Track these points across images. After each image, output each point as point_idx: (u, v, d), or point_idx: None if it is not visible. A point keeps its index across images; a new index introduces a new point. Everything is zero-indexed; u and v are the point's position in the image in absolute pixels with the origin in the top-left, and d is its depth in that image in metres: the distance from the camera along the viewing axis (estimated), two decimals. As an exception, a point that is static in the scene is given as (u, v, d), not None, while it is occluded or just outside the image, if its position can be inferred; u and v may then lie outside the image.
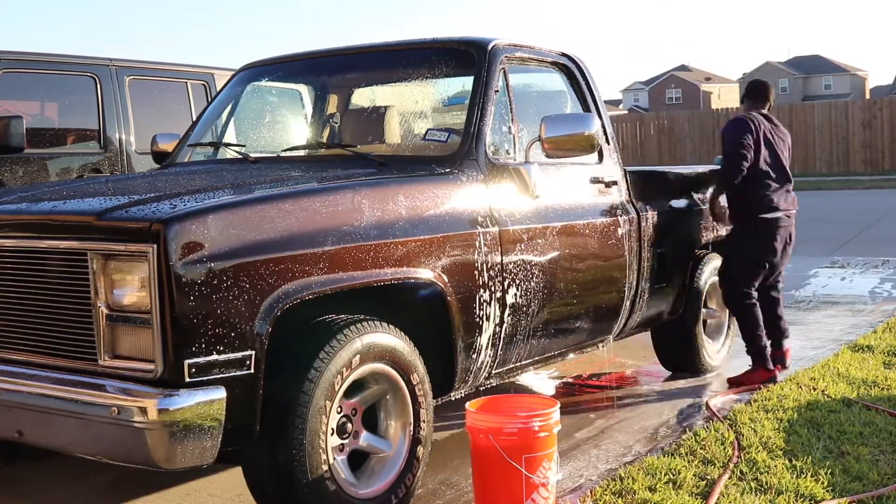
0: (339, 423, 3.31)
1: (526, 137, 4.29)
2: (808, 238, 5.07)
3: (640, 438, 4.52)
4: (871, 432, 4.36)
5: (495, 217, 3.93)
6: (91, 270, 2.96)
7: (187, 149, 4.88)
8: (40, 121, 7.19)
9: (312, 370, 3.13)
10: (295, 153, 4.66)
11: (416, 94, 4.90)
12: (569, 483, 3.93)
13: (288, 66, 5.14)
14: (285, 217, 3.13)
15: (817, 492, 3.65)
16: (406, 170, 3.93)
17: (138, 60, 7.50)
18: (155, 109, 7.43)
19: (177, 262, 2.81)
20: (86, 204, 3.42)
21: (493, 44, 4.31)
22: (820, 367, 5.69)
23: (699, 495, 3.67)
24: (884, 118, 27.66)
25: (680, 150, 30.45)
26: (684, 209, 5.52)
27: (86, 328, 3.00)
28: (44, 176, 6.60)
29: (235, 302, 2.92)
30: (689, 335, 5.65)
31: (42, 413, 3.07)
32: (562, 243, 4.30)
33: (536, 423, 3.34)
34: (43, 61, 6.79)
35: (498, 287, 3.88)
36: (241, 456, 3.21)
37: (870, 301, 8.27)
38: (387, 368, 3.43)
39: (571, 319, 4.51)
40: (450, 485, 3.96)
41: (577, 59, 4.91)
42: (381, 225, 3.44)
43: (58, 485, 4.05)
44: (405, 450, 3.51)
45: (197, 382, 2.85)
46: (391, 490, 3.45)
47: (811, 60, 79.93)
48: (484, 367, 3.96)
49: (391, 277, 3.43)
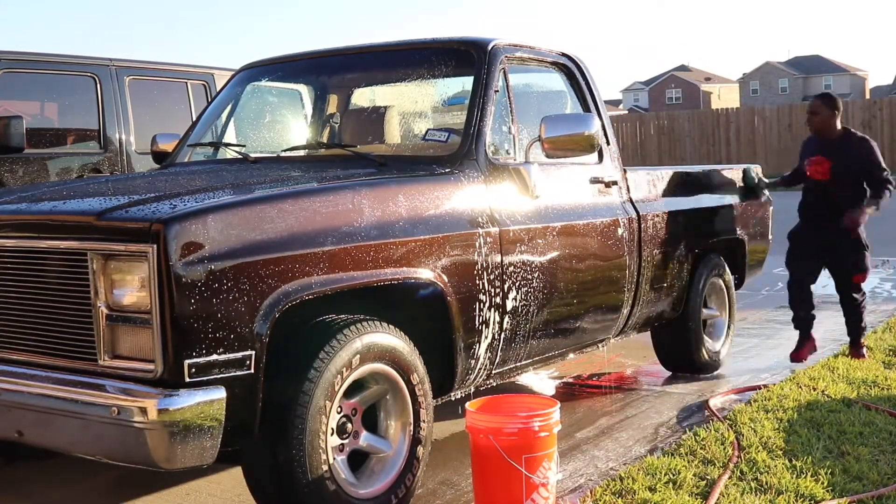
0: (339, 423, 3.31)
1: (526, 137, 4.29)
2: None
3: (640, 438, 4.52)
4: (871, 432, 4.36)
5: (495, 217, 3.92)
6: (91, 270, 2.96)
7: (187, 149, 4.88)
8: (40, 121, 7.19)
9: (312, 370, 3.13)
10: (295, 153, 4.66)
11: (416, 94, 4.91)
12: (569, 483, 3.93)
13: (288, 66, 5.14)
14: (285, 217, 3.13)
15: (817, 492, 3.65)
16: (406, 170, 3.93)
17: (138, 60, 7.50)
18: (155, 109, 7.43)
19: (177, 262, 2.81)
20: (86, 204, 3.42)
21: (493, 44, 4.31)
22: (820, 367, 5.69)
23: (699, 495, 3.67)
24: (884, 118, 27.65)
25: (680, 150, 30.45)
26: (685, 209, 5.52)
27: (86, 328, 3.00)
28: (44, 176, 6.60)
29: (235, 302, 2.92)
30: (689, 335, 5.64)
31: (42, 413, 3.07)
32: (562, 243, 4.29)
33: (536, 423, 3.35)
34: (43, 61, 6.79)
35: (498, 287, 3.88)
36: (241, 456, 3.21)
37: (870, 301, 8.26)
38: (387, 368, 3.43)
39: (571, 319, 4.51)
40: (450, 485, 3.96)
41: (577, 59, 4.91)
42: (381, 225, 3.44)
43: (58, 485, 4.05)
44: (405, 450, 3.51)
45: (197, 382, 2.85)
46: (391, 490, 3.44)
47: (811, 60, 79.93)
48: (484, 367, 3.96)
49: (391, 277, 3.43)
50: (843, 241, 5.80)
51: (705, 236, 5.71)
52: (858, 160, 5.78)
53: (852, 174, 5.78)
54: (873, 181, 5.78)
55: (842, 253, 5.86)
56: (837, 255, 5.88)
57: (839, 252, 5.86)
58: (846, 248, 5.83)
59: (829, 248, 5.88)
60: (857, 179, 5.79)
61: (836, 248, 5.86)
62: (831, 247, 5.87)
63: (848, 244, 5.81)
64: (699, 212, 5.67)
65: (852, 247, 5.82)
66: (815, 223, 5.91)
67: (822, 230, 5.85)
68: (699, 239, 5.63)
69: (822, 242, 5.86)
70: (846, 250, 5.84)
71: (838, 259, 5.91)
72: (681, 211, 5.43)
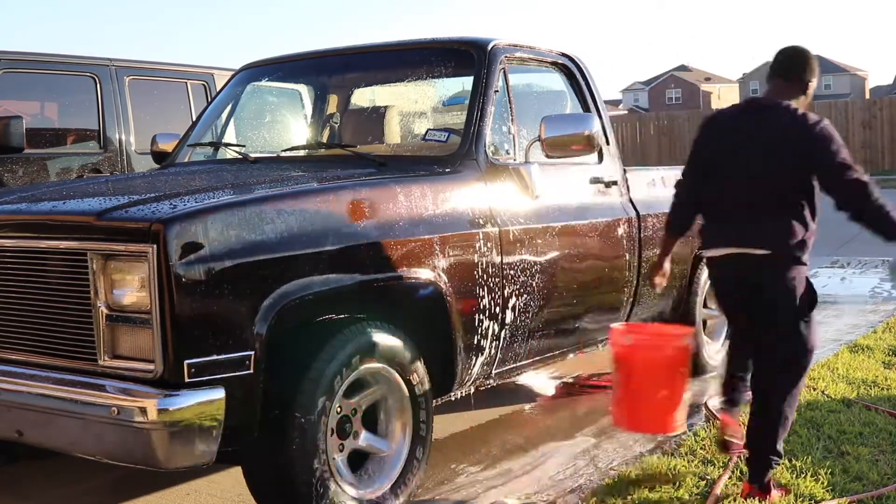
0: (339, 423, 3.31)
1: (526, 137, 4.29)
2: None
3: (640, 438, 4.52)
4: (871, 432, 4.36)
5: (495, 217, 3.92)
6: (91, 270, 2.96)
7: (187, 149, 4.88)
8: (40, 121, 7.20)
9: (312, 370, 3.14)
10: (295, 153, 4.66)
11: (415, 95, 4.91)
12: (569, 483, 3.93)
13: (288, 66, 5.14)
14: (285, 217, 3.13)
15: (817, 492, 3.65)
16: (406, 170, 3.93)
17: (138, 60, 7.50)
18: (155, 109, 7.43)
19: (176, 262, 2.81)
20: (86, 204, 3.42)
21: (493, 44, 4.31)
22: (820, 367, 5.69)
23: (699, 495, 3.67)
24: (884, 118, 27.64)
25: (680, 150, 30.39)
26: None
27: (86, 328, 3.00)
28: (44, 176, 6.60)
29: (235, 302, 2.92)
30: (689, 335, 5.63)
31: (42, 413, 3.07)
32: (561, 243, 4.29)
33: (688, 341, 3.93)
34: (43, 61, 6.78)
35: (498, 287, 3.88)
36: (241, 456, 3.21)
37: (870, 301, 8.27)
38: (387, 368, 3.43)
39: (571, 319, 4.51)
40: (450, 484, 3.96)
41: (576, 59, 4.91)
42: (381, 225, 3.44)
43: (58, 485, 4.05)
44: (405, 450, 3.52)
45: (197, 382, 2.85)
46: (391, 490, 3.45)
47: (811, 60, 79.88)
48: (484, 367, 3.95)
49: (391, 277, 3.43)
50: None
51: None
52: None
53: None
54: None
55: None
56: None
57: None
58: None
59: None
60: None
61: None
62: None
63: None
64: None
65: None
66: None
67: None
68: (699, 239, 5.62)
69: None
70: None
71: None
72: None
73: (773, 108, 3.56)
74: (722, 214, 3.67)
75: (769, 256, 3.50)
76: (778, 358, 3.58)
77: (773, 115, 3.55)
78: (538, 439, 4.55)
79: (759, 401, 3.65)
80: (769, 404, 3.59)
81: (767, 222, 3.51)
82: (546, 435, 4.64)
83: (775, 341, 3.58)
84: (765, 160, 3.51)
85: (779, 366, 3.58)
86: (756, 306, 3.58)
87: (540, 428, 4.82)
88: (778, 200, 3.51)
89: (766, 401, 3.60)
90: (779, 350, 3.58)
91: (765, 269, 3.51)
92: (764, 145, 3.52)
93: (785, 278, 3.50)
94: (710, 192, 3.71)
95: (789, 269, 3.50)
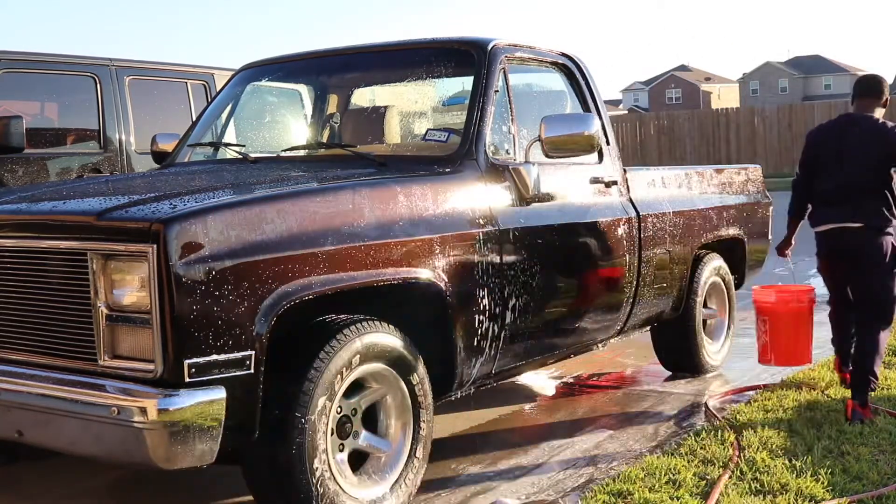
0: (339, 423, 3.31)
1: (526, 137, 4.29)
2: (809, 237, 5.08)
3: (640, 438, 4.52)
4: (871, 432, 4.36)
5: (495, 217, 3.92)
6: (91, 270, 2.96)
7: (187, 149, 4.88)
8: (40, 121, 7.19)
9: (312, 370, 3.14)
10: (295, 153, 4.66)
11: (415, 94, 4.91)
12: (569, 483, 3.93)
13: (288, 66, 5.14)
14: (285, 217, 3.13)
15: (817, 492, 3.65)
16: (406, 170, 3.92)
17: (138, 60, 7.50)
18: (155, 109, 7.43)
19: (177, 262, 2.81)
20: (86, 204, 3.42)
21: (493, 44, 4.31)
22: (820, 367, 5.69)
23: (699, 495, 3.67)
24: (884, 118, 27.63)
25: (680, 150, 30.43)
26: (684, 209, 5.52)
27: (86, 328, 3.00)
28: (44, 176, 6.60)
29: (235, 302, 2.92)
30: (689, 335, 5.64)
31: (42, 413, 3.07)
32: (562, 243, 4.29)
33: (814, 295, 5.33)
34: (43, 61, 6.79)
35: (497, 287, 3.88)
36: (241, 456, 3.21)
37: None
38: (387, 368, 3.43)
39: (571, 319, 4.51)
40: (450, 484, 3.96)
41: (577, 59, 4.91)
42: (381, 225, 3.43)
43: (58, 485, 4.05)
44: (405, 450, 3.52)
45: (197, 382, 2.85)
46: (391, 490, 3.45)
47: (811, 60, 79.95)
48: (484, 367, 3.95)
49: (391, 277, 3.42)
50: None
51: (705, 236, 5.71)
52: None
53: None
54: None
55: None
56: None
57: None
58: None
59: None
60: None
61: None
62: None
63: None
64: (699, 212, 5.67)
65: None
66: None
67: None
68: (699, 239, 5.63)
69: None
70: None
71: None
72: (681, 211, 5.43)
73: (863, 120, 4.87)
74: (828, 200, 4.88)
75: (863, 228, 4.74)
76: (872, 302, 4.81)
77: (864, 124, 4.84)
78: (538, 439, 4.55)
79: (860, 336, 4.87)
80: (867, 338, 4.80)
81: (861, 204, 4.75)
82: (546, 435, 4.64)
83: (869, 290, 4.81)
84: (858, 159, 4.76)
85: (873, 308, 4.81)
86: (855, 266, 4.82)
87: (540, 428, 4.82)
88: (868, 188, 4.74)
89: (865, 335, 4.83)
90: (872, 296, 4.80)
91: (860, 237, 4.75)
92: (858, 147, 4.77)
93: (876, 243, 4.73)
94: (819, 185, 4.92)
95: (879, 237, 4.74)
